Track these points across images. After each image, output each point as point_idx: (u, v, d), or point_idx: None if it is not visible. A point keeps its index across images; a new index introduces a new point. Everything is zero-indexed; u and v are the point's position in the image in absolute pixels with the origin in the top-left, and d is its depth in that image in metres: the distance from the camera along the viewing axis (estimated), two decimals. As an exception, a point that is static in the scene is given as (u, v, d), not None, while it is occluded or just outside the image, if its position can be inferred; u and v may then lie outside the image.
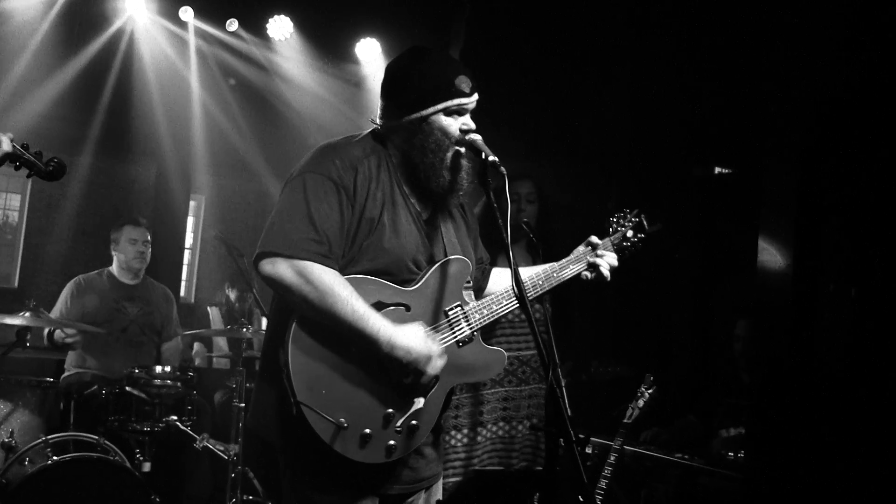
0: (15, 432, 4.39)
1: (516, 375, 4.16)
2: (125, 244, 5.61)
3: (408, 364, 2.46)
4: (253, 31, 6.91)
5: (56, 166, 2.43)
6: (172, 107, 6.95)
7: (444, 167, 2.62)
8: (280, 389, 2.44)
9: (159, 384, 4.75)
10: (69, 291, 5.49)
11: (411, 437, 2.54)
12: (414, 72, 2.64)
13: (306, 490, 2.54)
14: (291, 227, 2.44)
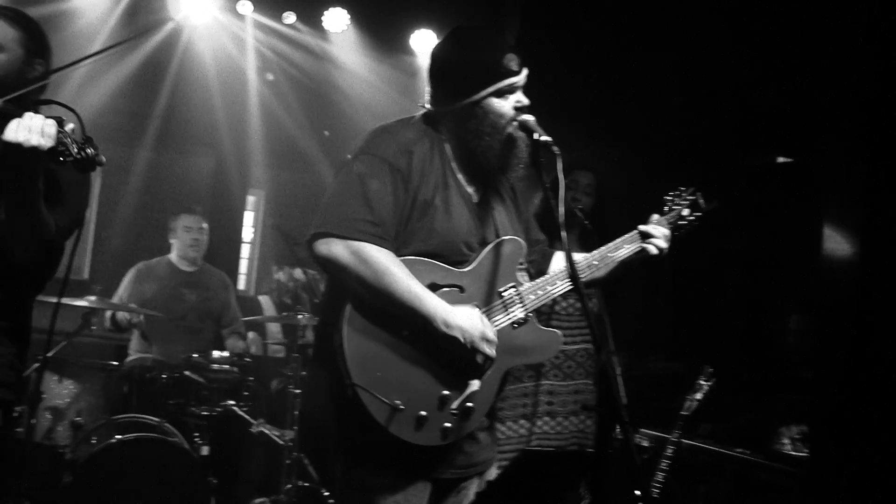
0: (82, 412, 4.56)
1: (562, 370, 4.11)
2: (181, 232, 5.73)
3: (463, 344, 2.46)
4: (309, 24, 6.98)
5: (86, 159, 2.40)
6: (230, 99, 7.07)
7: (500, 148, 2.61)
8: (334, 372, 2.45)
9: (217, 369, 4.86)
10: (131, 277, 5.63)
11: (466, 419, 2.54)
12: (461, 56, 2.63)
13: (360, 473, 2.56)
14: (346, 208, 2.46)
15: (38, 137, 2.29)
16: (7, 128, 2.29)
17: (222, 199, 7.31)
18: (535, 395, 4.07)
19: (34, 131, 2.29)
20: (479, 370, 2.55)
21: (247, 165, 7.39)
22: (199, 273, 5.79)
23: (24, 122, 2.29)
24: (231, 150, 7.19)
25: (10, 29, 2.58)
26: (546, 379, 4.09)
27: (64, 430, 4.53)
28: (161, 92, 6.87)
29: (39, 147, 2.29)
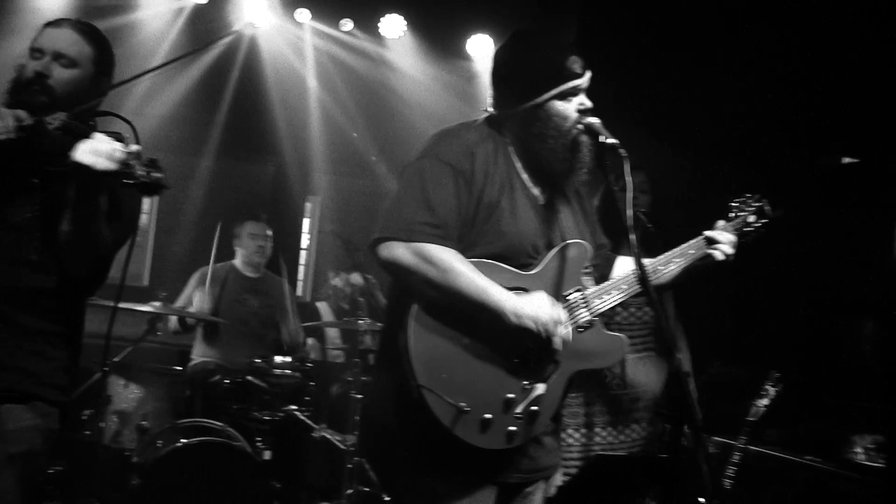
0: (148, 416, 4.63)
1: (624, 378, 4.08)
2: (246, 239, 5.80)
3: (537, 333, 2.44)
4: (366, 31, 7.04)
5: (156, 180, 2.42)
6: (290, 107, 7.15)
7: (565, 150, 2.60)
8: (399, 374, 2.45)
9: (279, 374, 4.90)
10: (194, 282, 5.70)
11: (532, 423, 2.51)
12: (523, 59, 2.63)
13: (424, 475, 2.54)
14: (408, 211, 2.46)
15: (106, 161, 2.32)
16: (78, 148, 2.32)
17: (282, 206, 7.39)
18: (594, 404, 4.03)
19: (102, 155, 2.32)
20: (545, 373, 2.52)
21: (305, 172, 7.46)
22: (261, 280, 5.85)
23: (93, 145, 2.34)
24: (290, 156, 7.26)
25: (87, 46, 2.63)
26: (609, 388, 4.05)
27: (130, 434, 4.61)
28: (222, 101, 6.98)
29: (107, 171, 2.33)
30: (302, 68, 7.09)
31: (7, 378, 2.46)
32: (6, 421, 2.44)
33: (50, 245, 2.49)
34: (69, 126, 2.49)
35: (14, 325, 2.48)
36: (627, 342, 2.72)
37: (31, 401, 2.49)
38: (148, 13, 6.47)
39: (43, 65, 2.54)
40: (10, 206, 2.46)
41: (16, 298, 2.48)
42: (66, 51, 2.57)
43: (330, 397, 5.72)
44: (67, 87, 2.56)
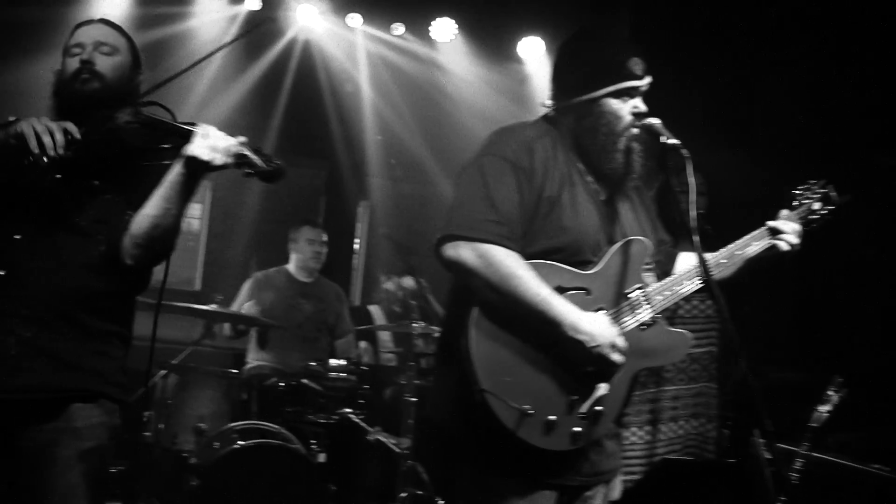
0: (205, 418, 4.68)
1: (686, 373, 4.03)
2: (303, 244, 5.83)
3: (591, 349, 2.41)
4: (417, 35, 7.07)
5: (276, 168, 2.50)
6: (343, 111, 7.20)
7: (617, 150, 2.58)
8: (460, 377, 2.43)
9: (334, 377, 4.92)
10: (249, 286, 5.75)
11: (596, 423, 2.48)
12: (584, 53, 2.62)
13: (486, 478, 2.53)
14: (471, 209, 2.45)
15: (224, 156, 2.41)
16: (194, 144, 2.40)
17: (334, 210, 7.44)
18: (659, 401, 3.99)
19: (220, 150, 2.40)
20: (607, 375, 2.49)
21: (358, 176, 7.50)
22: (315, 284, 5.88)
23: (210, 141, 2.40)
24: (343, 161, 7.31)
25: (122, 37, 2.70)
26: (671, 384, 4.02)
27: (187, 436, 4.66)
28: (277, 107, 7.05)
29: (225, 164, 2.41)
30: (355, 73, 7.14)
31: (77, 378, 2.51)
32: (76, 418, 2.49)
33: (116, 246, 2.52)
34: (143, 119, 2.52)
35: (80, 327, 2.52)
36: (692, 338, 2.68)
37: (98, 399, 2.54)
38: (202, 21, 6.56)
39: (87, 53, 2.58)
40: (75, 210, 2.50)
41: (81, 300, 2.52)
42: (105, 39, 2.63)
43: (383, 400, 5.73)
44: (114, 72, 2.60)
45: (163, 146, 2.50)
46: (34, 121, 2.38)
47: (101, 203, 2.53)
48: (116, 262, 2.53)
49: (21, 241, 2.47)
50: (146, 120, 2.52)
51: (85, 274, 2.51)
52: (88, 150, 2.41)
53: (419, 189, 7.69)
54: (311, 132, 7.21)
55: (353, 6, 6.89)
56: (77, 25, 2.68)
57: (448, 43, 7.06)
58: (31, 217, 2.47)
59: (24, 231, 2.47)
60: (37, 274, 2.46)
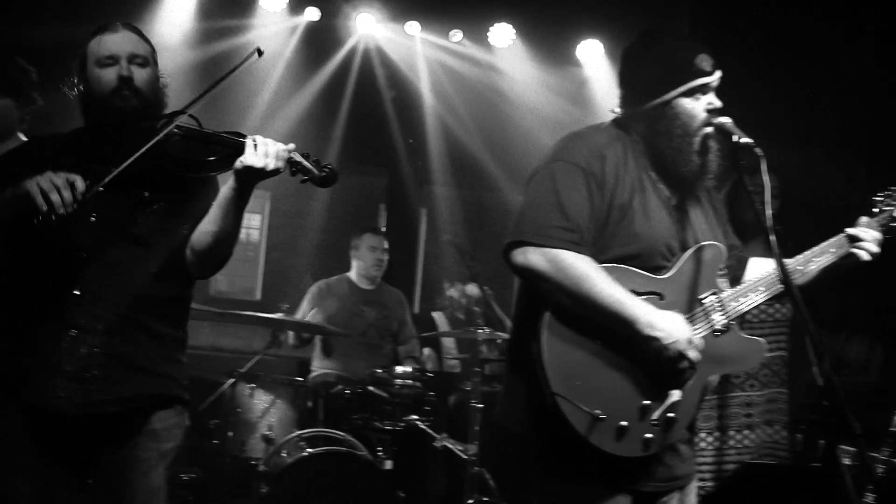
0: (273, 426, 4.72)
1: (758, 379, 3.95)
2: (365, 251, 5.86)
3: (667, 347, 2.38)
4: (476, 41, 7.08)
5: (330, 172, 2.52)
6: (405, 118, 7.24)
7: (693, 151, 2.54)
8: (531, 381, 2.43)
9: (400, 384, 4.93)
10: (311, 295, 5.80)
11: (668, 430, 2.45)
12: (651, 56, 2.59)
13: (558, 484, 2.51)
14: (541, 215, 2.43)
15: (276, 161, 2.44)
16: (246, 153, 2.42)
17: (397, 218, 7.47)
18: (727, 407, 3.92)
19: (272, 155, 2.43)
20: (681, 378, 2.46)
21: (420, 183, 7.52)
22: (377, 291, 5.91)
23: (262, 148, 2.43)
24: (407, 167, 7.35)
25: (147, 44, 2.66)
26: (740, 389, 3.93)
27: (256, 443, 4.71)
28: (339, 115, 7.12)
29: (277, 169, 2.45)
30: (415, 80, 7.18)
31: (157, 384, 2.60)
32: (155, 421, 2.58)
33: (179, 256, 2.58)
34: (190, 131, 2.54)
35: (153, 334, 2.60)
36: (766, 346, 2.63)
37: (174, 404, 2.64)
38: (263, 33, 6.66)
39: (125, 68, 2.54)
40: (131, 222, 2.55)
41: (151, 309, 2.59)
42: (137, 50, 2.59)
43: (448, 407, 5.73)
44: (150, 85, 2.60)
45: (211, 158, 2.52)
46: (40, 179, 2.35)
47: (154, 213, 2.58)
48: (179, 270, 2.60)
49: (87, 259, 2.51)
50: (193, 132, 2.53)
51: (151, 283, 2.57)
52: (136, 164, 2.41)
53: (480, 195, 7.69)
54: (372, 140, 7.26)
55: (412, 14, 6.93)
56: (100, 29, 2.61)
57: (506, 48, 7.06)
58: (89, 234, 2.50)
59: (88, 248, 2.52)
60: (107, 288, 2.51)
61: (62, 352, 2.47)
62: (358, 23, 6.90)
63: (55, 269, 2.47)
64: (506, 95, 7.20)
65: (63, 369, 2.46)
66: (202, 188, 2.62)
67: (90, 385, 2.48)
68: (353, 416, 4.91)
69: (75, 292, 2.49)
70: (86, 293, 2.49)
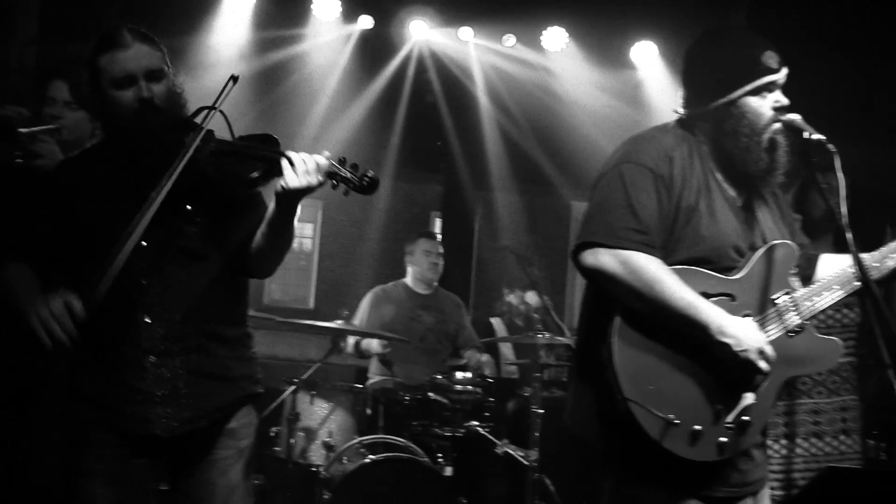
0: (333, 433, 4.74)
1: (826, 386, 3.82)
2: (420, 256, 5.86)
3: (738, 353, 2.34)
4: (529, 45, 7.07)
5: (370, 180, 2.47)
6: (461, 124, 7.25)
7: (760, 150, 2.50)
8: (601, 386, 2.40)
9: (460, 390, 4.92)
10: (368, 302, 5.81)
11: (743, 434, 2.41)
12: (715, 54, 2.56)
13: (631, 489, 2.49)
14: (612, 217, 2.41)
15: (317, 176, 2.41)
16: (285, 176, 2.39)
17: (452, 223, 7.47)
18: (794, 414, 3.82)
19: (312, 172, 2.40)
20: (753, 383, 2.41)
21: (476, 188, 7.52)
22: (434, 296, 5.90)
23: (300, 166, 2.40)
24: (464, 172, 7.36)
25: (158, 51, 2.58)
26: (807, 396, 3.83)
27: (317, 450, 4.73)
28: (395, 123, 7.15)
29: (320, 183, 2.42)
30: (470, 85, 7.19)
31: (237, 388, 2.66)
32: (232, 420, 2.63)
33: (233, 259, 2.61)
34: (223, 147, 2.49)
35: (224, 340, 2.64)
36: (842, 346, 2.57)
37: (248, 402, 2.69)
38: (318, 42, 6.72)
39: (145, 89, 2.49)
40: (182, 236, 2.56)
41: (216, 316, 2.63)
42: (152, 64, 2.52)
43: (507, 413, 5.70)
44: (169, 99, 2.55)
45: (250, 176, 2.45)
46: (39, 309, 2.29)
47: (201, 224, 2.58)
48: (234, 272, 2.65)
49: (149, 285, 2.53)
50: (225, 147, 2.48)
51: (211, 292, 2.60)
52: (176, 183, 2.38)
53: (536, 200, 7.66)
54: (429, 146, 7.28)
55: (465, 20, 6.95)
56: (109, 43, 2.51)
57: (559, 52, 7.04)
58: (145, 260, 2.49)
59: (147, 273, 2.52)
60: (174, 309, 2.54)
61: (149, 379, 2.51)
62: (411, 29, 6.94)
63: (122, 301, 2.46)
64: (561, 99, 7.18)
65: (154, 396, 2.52)
66: (245, 199, 2.62)
67: (181, 405, 2.53)
68: (413, 423, 4.91)
69: (146, 320, 2.52)
70: (156, 319, 2.53)
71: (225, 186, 2.49)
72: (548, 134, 7.28)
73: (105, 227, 2.47)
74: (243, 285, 2.76)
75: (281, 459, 4.70)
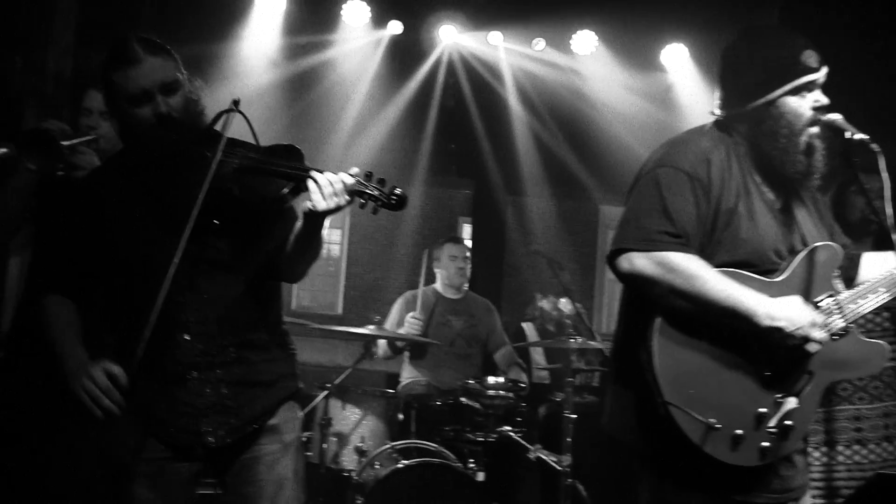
0: (365, 438, 4.73)
1: (867, 391, 3.75)
2: (446, 261, 5.85)
3: (792, 335, 2.30)
4: (559, 48, 7.05)
5: (398, 198, 2.45)
6: (492, 127, 7.24)
7: (799, 151, 2.47)
8: (640, 390, 2.38)
9: (493, 395, 4.89)
10: (400, 305, 5.80)
11: (785, 438, 2.38)
12: (753, 54, 2.52)
13: (669, 494, 2.46)
14: (647, 221, 2.39)
15: (345, 196, 2.40)
16: (314, 200, 2.38)
17: (482, 229, 7.46)
18: (834, 421, 3.76)
19: (338, 192, 2.39)
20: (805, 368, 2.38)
21: (506, 191, 7.50)
22: (464, 300, 5.89)
23: (325, 189, 2.38)
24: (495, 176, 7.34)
25: (170, 60, 2.54)
26: (847, 402, 3.76)
27: (349, 455, 4.73)
28: (426, 128, 7.16)
29: (348, 202, 2.42)
30: (501, 89, 7.19)
31: (282, 389, 2.69)
32: (274, 416, 2.65)
33: (265, 267, 2.63)
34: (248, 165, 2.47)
35: (262, 345, 2.66)
36: (889, 349, 2.52)
37: (289, 399, 2.72)
38: (348, 48, 6.75)
39: (161, 104, 2.47)
40: (212, 249, 2.57)
41: (252, 324, 2.65)
42: (166, 77, 2.49)
43: (538, 418, 5.67)
44: (186, 109, 2.53)
45: (278, 194, 2.44)
46: (85, 382, 2.36)
47: (229, 239, 2.59)
48: (266, 277, 2.67)
49: (185, 302, 2.54)
50: (251, 165, 2.45)
51: (246, 300, 2.62)
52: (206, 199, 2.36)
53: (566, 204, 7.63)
54: (460, 151, 7.28)
55: (494, 24, 6.95)
56: (122, 60, 2.47)
57: (590, 55, 7.02)
58: (180, 279, 2.45)
59: (181, 289, 2.52)
60: (211, 324, 2.56)
61: (193, 394, 2.55)
62: (441, 34, 6.94)
63: (162, 320, 2.42)
64: (591, 102, 7.16)
65: (200, 409, 2.55)
66: (273, 217, 2.61)
67: (227, 415, 2.56)
68: (445, 428, 4.88)
69: (185, 338, 2.54)
70: (194, 336, 2.55)
71: (251, 203, 2.49)
72: (578, 137, 7.26)
73: (128, 242, 2.53)
74: (276, 289, 2.78)
75: (313, 464, 4.69)
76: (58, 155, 3.16)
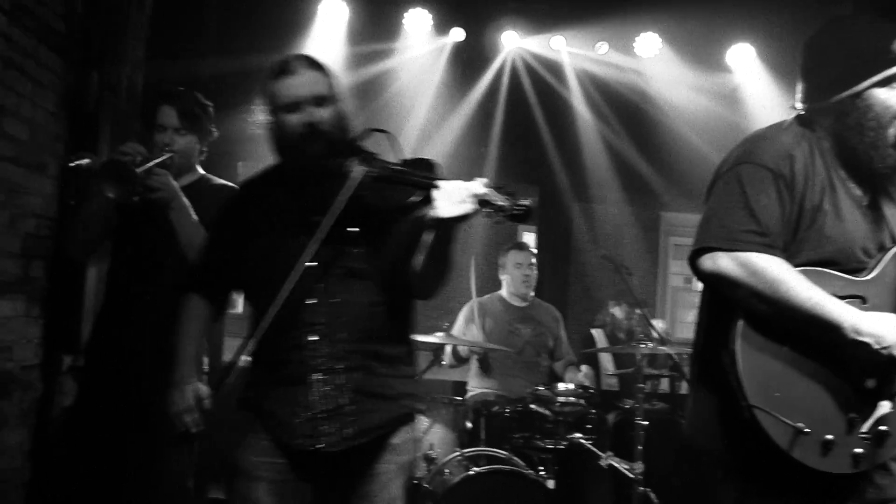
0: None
1: None
2: (511, 268, 5.81)
3: (878, 353, 2.22)
4: (622, 51, 6.99)
5: (524, 209, 2.42)
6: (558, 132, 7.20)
7: (887, 145, 2.37)
8: (723, 394, 2.31)
9: (563, 402, 4.84)
10: (466, 314, 5.78)
11: (881, 445, 2.29)
12: (839, 44, 2.43)
13: (754, 500, 2.39)
14: (730, 220, 2.32)
15: (470, 205, 2.41)
16: (437, 206, 2.41)
17: (547, 235, 7.39)
18: None
19: (466, 201, 2.40)
20: (889, 391, 2.29)
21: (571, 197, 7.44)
22: (531, 308, 5.84)
23: (451, 196, 2.40)
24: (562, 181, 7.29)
25: (326, 76, 2.66)
26: None
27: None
28: (492, 135, 7.13)
29: (475, 211, 2.42)
30: (566, 94, 7.14)
31: (400, 406, 2.69)
32: (394, 437, 2.66)
33: (396, 276, 2.62)
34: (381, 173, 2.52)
35: (386, 358, 2.68)
36: None
37: (410, 420, 2.73)
38: (410, 56, 6.77)
39: (312, 115, 2.58)
40: (348, 257, 2.61)
41: (379, 335, 2.67)
42: (319, 90, 2.61)
43: (608, 425, 5.59)
44: (336, 125, 2.61)
45: (407, 202, 2.51)
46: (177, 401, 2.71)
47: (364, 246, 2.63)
48: (396, 288, 2.66)
49: (315, 304, 2.59)
50: (383, 174, 2.52)
51: (375, 310, 2.64)
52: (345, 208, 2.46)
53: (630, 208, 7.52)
54: (526, 157, 7.24)
55: (556, 29, 6.90)
56: (281, 71, 2.63)
57: (654, 57, 6.93)
58: (314, 281, 2.56)
59: (312, 292, 2.59)
60: (339, 328, 2.60)
61: (314, 396, 2.58)
62: (503, 40, 6.92)
63: (291, 320, 2.54)
64: (657, 104, 7.05)
65: (319, 412, 2.57)
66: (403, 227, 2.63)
67: (345, 422, 2.58)
68: (515, 436, 4.85)
69: (313, 338, 2.59)
70: (322, 338, 2.59)
71: (384, 211, 2.55)
72: (645, 139, 7.16)
73: (270, 251, 2.63)
74: (407, 304, 2.77)
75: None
76: (133, 182, 3.23)
